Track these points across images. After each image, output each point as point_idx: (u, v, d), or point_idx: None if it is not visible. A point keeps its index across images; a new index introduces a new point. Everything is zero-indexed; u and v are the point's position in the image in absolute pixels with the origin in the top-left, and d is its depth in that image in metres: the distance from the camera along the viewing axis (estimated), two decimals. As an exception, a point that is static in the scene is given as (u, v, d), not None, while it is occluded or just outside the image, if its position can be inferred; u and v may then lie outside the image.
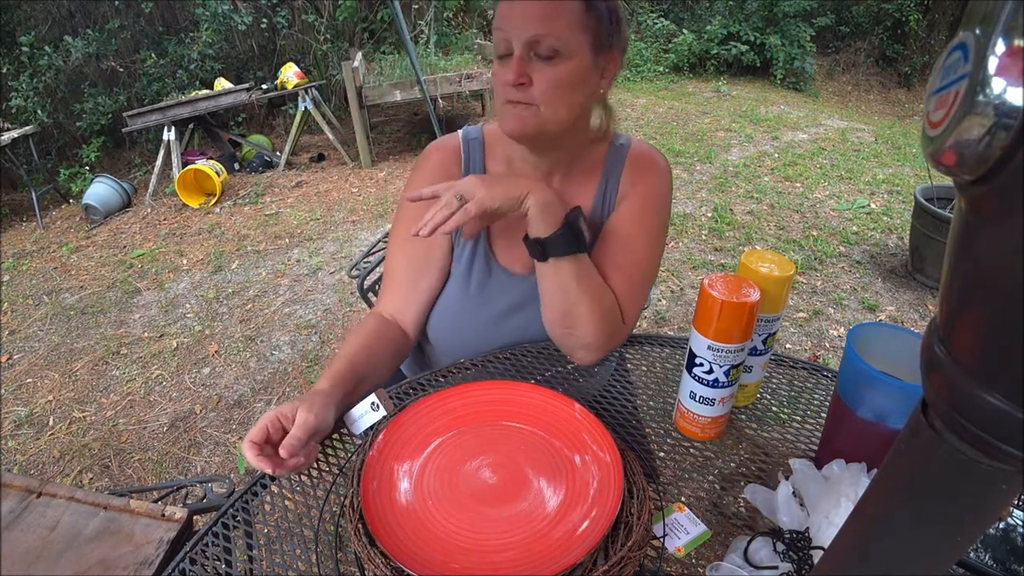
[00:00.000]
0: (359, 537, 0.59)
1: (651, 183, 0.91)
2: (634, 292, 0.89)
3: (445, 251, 0.94)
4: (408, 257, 0.94)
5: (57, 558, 0.73)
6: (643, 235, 0.90)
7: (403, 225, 0.94)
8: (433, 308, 0.96)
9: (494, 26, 0.80)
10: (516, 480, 0.67)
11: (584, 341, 0.85)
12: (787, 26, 6.77)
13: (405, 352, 0.94)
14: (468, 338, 0.95)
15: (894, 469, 0.31)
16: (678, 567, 0.60)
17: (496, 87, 0.80)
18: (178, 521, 0.78)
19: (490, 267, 0.93)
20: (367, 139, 4.51)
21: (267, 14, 5.66)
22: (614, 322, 0.86)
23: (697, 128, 5.06)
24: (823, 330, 2.48)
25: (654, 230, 0.91)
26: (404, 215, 0.94)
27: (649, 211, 0.90)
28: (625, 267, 0.89)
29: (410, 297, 0.93)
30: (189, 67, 5.35)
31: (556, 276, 0.83)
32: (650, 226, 0.90)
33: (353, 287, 2.92)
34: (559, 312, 0.85)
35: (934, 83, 0.26)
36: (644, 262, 0.90)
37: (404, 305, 0.93)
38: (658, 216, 0.91)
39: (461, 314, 0.94)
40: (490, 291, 0.93)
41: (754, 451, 0.74)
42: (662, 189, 0.91)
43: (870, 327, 0.65)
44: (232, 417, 2.18)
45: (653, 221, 0.91)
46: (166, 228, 3.83)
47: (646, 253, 0.90)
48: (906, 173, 4.08)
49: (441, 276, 0.94)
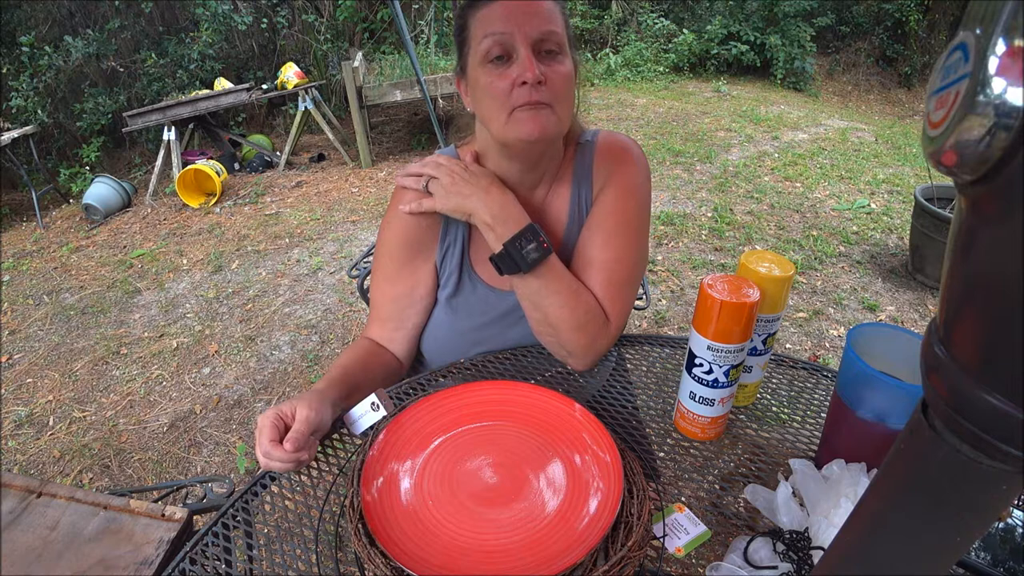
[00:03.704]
0: (359, 537, 0.59)
1: (625, 172, 0.87)
2: (617, 291, 0.85)
3: (430, 288, 0.92)
4: (393, 295, 0.92)
5: (57, 558, 0.73)
6: (622, 230, 0.86)
7: (385, 259, 0.91)
8: (424, 333, 0.96)
9: (480, 32, 0.75)
10: (516, 480, 0.67)
11: (567, 348, 0.84)
12: (787, 26, 6.76)
13: (397, 374, 0.94)
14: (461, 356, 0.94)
15: (894, 469, 0.31)
16: (678, 567, 0.60)
17: (496, 95, 0.75)
18: (178, 521, 0.78)
19: (475, 287, 0.92)
20: (367, 139, 4.51)
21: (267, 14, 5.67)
22: (594, 327, 0.83)
23: (697, 128, 5.06)
24: (823, 330, 2.48)
25: (634, 223, 0.86)
26: (385, 249, 0.91)
27: (626, 203, 0.86)
28: (606, 265, 0.85)
29: (396, 331, 0.93)
30: (189, 67, 5.35)
31: (522, 287, 0.83)
32: (630, 219, 0.86)
33: (353, 287, 2.92)
34: (536, 321, 0.86)
35: (934, 83, 0.26)
36: (626, 259, 0.86)
37: (392, 336, 0.93)
38: (638, 208, 0.87)
39: (452, 336, 0.94)
40: (479, 309, 0.92)
41: (754, 451, 0.74)
42: (638, 177, 0.87)
43: (870, 327, 0.65)
44: (232, 417, 2.18)
45: (633, 213, 0.86)
46: (166, 228, 3.83)
47: (627, 250, 0.86)
48: (906, 173, 4.08)
49: (426, 309, 0.94)
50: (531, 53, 0.73)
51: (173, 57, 5.36)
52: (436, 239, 0.91)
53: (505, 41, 0.73)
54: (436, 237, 0.90)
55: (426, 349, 0.97)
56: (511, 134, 0.76)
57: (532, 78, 0.72)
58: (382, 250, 0.92)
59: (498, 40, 0.73)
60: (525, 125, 0.75)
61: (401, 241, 0.90)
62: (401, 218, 0.88)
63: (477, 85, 0.77)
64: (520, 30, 0.73)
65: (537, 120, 0.75)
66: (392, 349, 0.94)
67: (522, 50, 0.73)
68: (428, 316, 0.94)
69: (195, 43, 5.40)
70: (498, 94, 0.75)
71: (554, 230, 0.91)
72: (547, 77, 0.74)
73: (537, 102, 0.74)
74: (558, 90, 0.75)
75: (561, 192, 0.90)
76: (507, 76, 0.74)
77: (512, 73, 0.74)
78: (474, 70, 0.77)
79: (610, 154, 0.88)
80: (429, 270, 0.92)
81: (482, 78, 0.76)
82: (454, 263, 0.91)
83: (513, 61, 0.74)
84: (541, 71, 0.73)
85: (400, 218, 0.88)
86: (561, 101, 0.76)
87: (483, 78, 0.76)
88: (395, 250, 0.90)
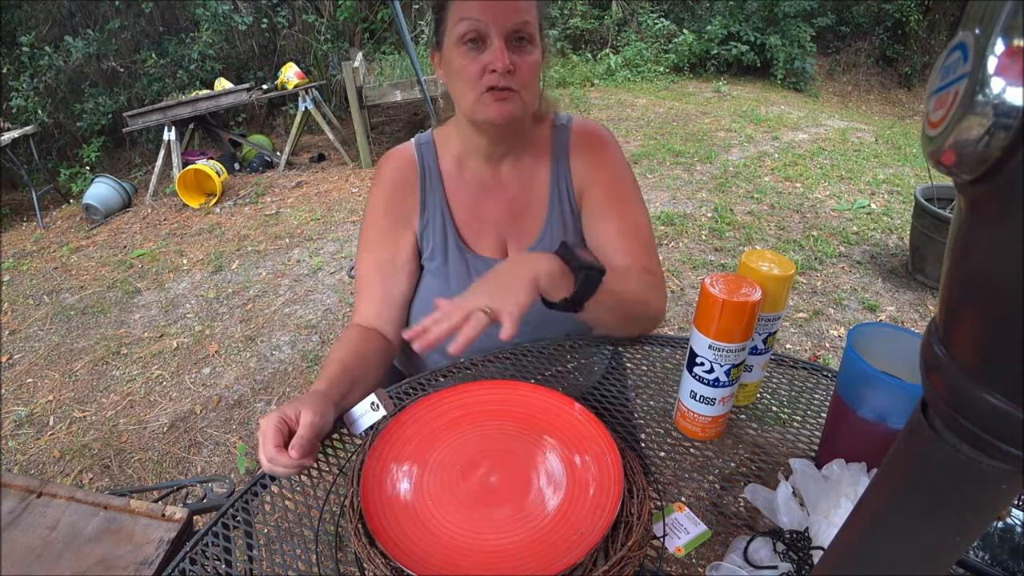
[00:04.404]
0: (359, 537, 0.59)
1: (608, 157, 0.96)
2: (649, 249, 0.95)
3: (410, 255, 0.96)
4: (376, 262, 0.95)
5: (57, 558, 0.73)
6: (629, 199, 0.95)
7: (368, 231, 0.96)
8: (412, 306, 0.97)
9: (457, 13, 0.79)
10: (516, 480, 0.67)
11: (650, 316, 0.91)
12: (787, 26, 6.76)
13: (390, 356, 0.95)
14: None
15: (894, 469, 0.31)
16: (678, 567, 0.60)
17: (468, 77, 0.80)
18: (178, 521, 0.78)
19: (464, 257, 0.96)
20: (367, 139, 4.51)
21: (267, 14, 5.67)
22: (654, 287, 0.91)
23: (697, 128, 5.06)
24: (823, 330, 2.48)
25: (634, 191, 0.97)
26: (368, 222, 0.97)
27: (621, 181, 0.96)
28: (625, 232, 0.93)
29: (384, 304, 0.94)
30: (189, 67, 5.35)
31: (599, 306, 0.78)
32: (629, 190, 0.96)
33: (353, 287, 2.91)
34: (621, 322, 0.88)
35: (934, 83, 0.26)
36: (644, 221, 0.96)
37: (379, 311, 0.94)
38: (629, 179, 0.97)
39: None
40: (470, 280, 0.95)
41: (754, 451, 0.74)
42: (618, 155, 0.98)
43: (870, 327, 0.65)
44: (232, 417, 2.18)
45: (630, 184, 0.97)
46: (166, 228, 3.83)
47: (641, 214, 0.96)
48: (906, 173, 4.08)
49: (412, 277, 0.97)
50: (503, 43, 0.78)
51: (173, 57, 5.37)
52: (416, 211, 0.96)
53: (480, 28, 0.78)
54: (416, 209, 0.96)
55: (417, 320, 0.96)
56: (480, 115, 0.82)
57: (502, 67, 0.78)
58: (366, 225, 0.97)
59: (473, 25, 0.78)
60: (492, 109, 0.81)
61: (382, 210, 0.96)
62: (382, 189, 0.96)
63: (451, 64, 0.83)
64: (495, 20, 0.78)
65: (504, 106, 0.81)
66: (381, 327, 0.94)
67: (495, 39, 0.78)
68: (414, 287, 0.97)
69: (195, 43, 5.40)
70: (470, 77, 0.80)
71: (539, 198, 0.96)
72: (516, 66, 0.80)
73: (506, 87, 0.80)
74: (525, 78, 0.81)
75: (541, 168, 0.96)
76: (479, 61, 0.79)
77: (484, 59, 0.79)
78: (449, 49, 0.82)
79: (588, 141, 0.96)
80: (410, 238, 0.96)
81: (456, 59, 0.81)
82: (437, 234, 0.95)
83: (486, 47, 0.79)
84: (511, 60, 0.79)
85: (381, 189, 0.96)
86: (527, 87, 0.82)
87: (456, 59, 0.81)
88: (377, 219, 0.96)
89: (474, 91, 0.81)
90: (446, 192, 0.96)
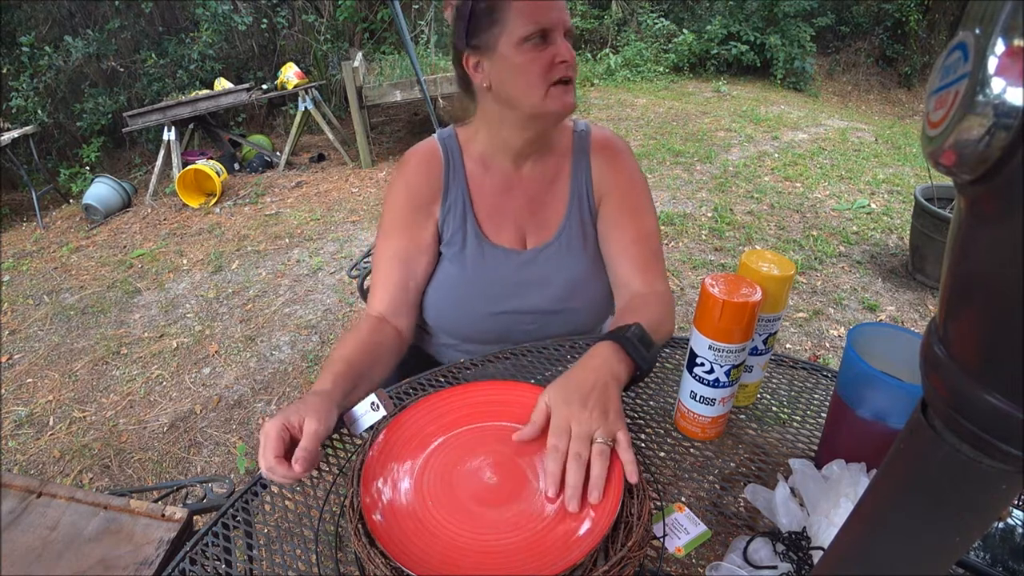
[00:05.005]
0: (359, 537, 0.59)
1: (626, 166, 1.01)
2: (658, 257, 1.00)
3: (429, 242, 0.98)
4: (393, 250, 0.97)
5: (57, 558, 0.73)
6: (644, 209, 1.00)
7: (388, 220, 0.98)
8: (428, 292, 0.99)
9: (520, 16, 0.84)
10: (516, 480, 0.67)
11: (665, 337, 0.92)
12: (787, 26, 6.76)
13: (401, 350, 0.95)
14: (468, 317, 0.99)
15: (894, 469, 0.31)
16: (678, 567, 0.60)
17: (538, 72, 0.85)
18: (178, 521, 0.78)
19: (482, 246, 0.98)
20: (367, 139, 4.51)
21: (267, 14, 5.67)
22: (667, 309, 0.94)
23: (697, 128, 5.06)
24: (823, 330, 2.48)
25: (648, 200, 1.01)
26: (388, 211, 0.99)
27: (637, 190, 1.00)
28: (643, 240, 0.98)
29: (397, 289, 0.95)
30: (189, 67, 5.35)
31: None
32: (645, 199, 1.01)
33: (353, 287, 2.92)
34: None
35: (934, 83, 0.26)
36: (655, 229, 1.01)
37: (393, 297, 0.95)
38: (645, 189, 1.02)
39: (459, 293, 0.98)
40: (485, 269, 0.98)
41: (754, 451, 0.74)
42: (635, 165, 1.02)
43: (870, 327, 0.65)
44: (232, 417, 2.18)
45: (645, 194, 1.01)
46: (166, 228, 3.83)
47: (653, 222, 1.01)
48: (906, 173, 4.08)
49: (428, 267, 0.99)
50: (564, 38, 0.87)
51: (173, 57, 5.37)
52: (438, 200, 0.98)
53: (545, 26, 0.84)
54: (438, 198, 0.98)
55: (432, 305, 0.99)
56: (549, 107, 0.87)
57: (572, 59, 0.87)
58: (386, 214, 0.99)
59: (543, 25, 0.84)
60: (559, 101, 0.87)
61: (404, 202, 0.98)
62: (407, 183, 0.98)
63: (510, 62, 0.86)
64: (557, 18, 0.85)
65: (569, 96, 0.88)
66: (393, 317, 0.95)
67: (558, 35, 0.86)
68: (429, 276, 0.99)
69: (195, 43, 5.40)
70: (540, 71, 0.85)
71: (559, 196, 1.00)
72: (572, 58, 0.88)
73: (571, 78, 0.87)
74: (577, 70, 0.90)
75: (562, 169, 1.01)
76: (544, 56, 0.85)
77: (548, 54, 0.85)
78: (507, 48, 0.86)
79: (607, 150, 1.01)
80: (431, 226, 0.99)
81: (518, 56, 0.85)
82: (457, 221, 0.98)
83: (547, 44, 0.85)
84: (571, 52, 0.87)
85: (405, 183, 0.99)
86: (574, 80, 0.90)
87: (519, 57, 0.85)
88: (399, 209, 0.98)
89: (543, 85, 0.86)
90: (468, 183, 0.99)
